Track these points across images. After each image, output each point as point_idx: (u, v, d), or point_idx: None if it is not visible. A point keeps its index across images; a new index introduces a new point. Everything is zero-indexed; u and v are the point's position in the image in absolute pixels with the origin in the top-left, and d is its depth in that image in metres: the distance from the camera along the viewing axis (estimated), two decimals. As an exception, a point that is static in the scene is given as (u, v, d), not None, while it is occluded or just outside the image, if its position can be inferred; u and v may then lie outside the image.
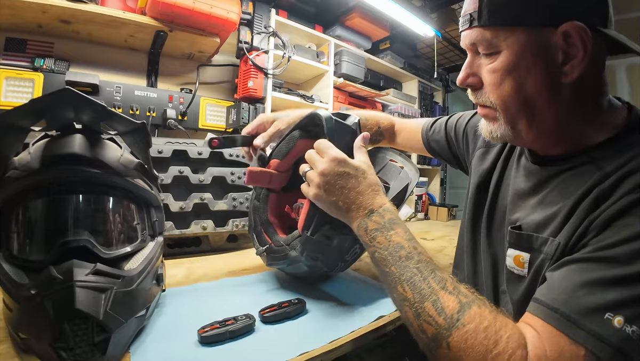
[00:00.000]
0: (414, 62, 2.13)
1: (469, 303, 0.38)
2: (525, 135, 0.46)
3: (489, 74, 0.44)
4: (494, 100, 0.45)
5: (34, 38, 1.09)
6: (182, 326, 0.52)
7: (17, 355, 0.42)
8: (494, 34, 0.42)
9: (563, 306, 0.36)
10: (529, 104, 0.43)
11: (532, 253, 0.45)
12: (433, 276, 0.41)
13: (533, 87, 0.42)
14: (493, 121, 0.48)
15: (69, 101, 0.42)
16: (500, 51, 0.43)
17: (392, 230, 0.47)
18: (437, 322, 0.38)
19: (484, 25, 0.43)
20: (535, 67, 0.41)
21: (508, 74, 0.43)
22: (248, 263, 0.90)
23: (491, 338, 0.35)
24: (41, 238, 0.45)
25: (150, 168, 0.57)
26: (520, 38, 0.41)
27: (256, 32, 1.32)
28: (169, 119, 1.22)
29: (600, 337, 0.33)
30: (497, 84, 0.44)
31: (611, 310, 0.33)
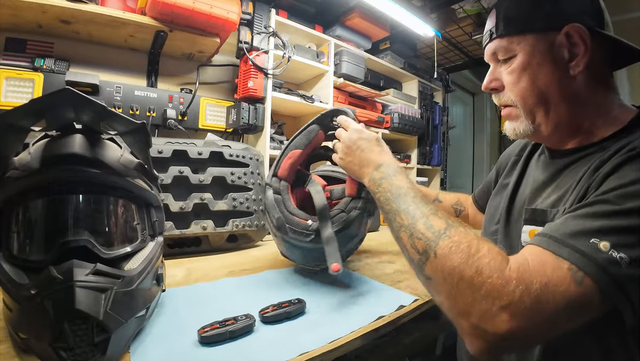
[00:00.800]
0: (414, 62, 2.13)
1: (456, 225, 0.43)
2: (545, 128, 0.52)
3: (508, 75, 0.53)
4: (514, 97, 0.52)
5: (34, 38, 1.09)
6: (182, 326, 0.52)
7: (17, 355, 0.42)
8: (509, 41, 0.51)
9: (551, 232, 0.39)
10: (544, 96, 0.50)
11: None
12: (426, 206, 0.48)
13: (545, 81, 0.49)
14: (515, 118, 0.54)
15: (69, 101, 0.42)
16: (515, 55, 0.51)
17: (395, 177, 0.55)
18: (426, 236, 0.43)
19: (501, 36, 0.52)
20: (545, 64, 0.49)
21: (523, 72, 0.50)
22: (248, 263, 0.90)
23: (473, 247, 0.39)
24: (41, 238, 0.45)
25: (150, 168, 0.57)
26: (530, 41, 0.49)
27: (256, 32, 1.32)
28: (169, 119, 1.22)
29: (584, 254, 0.35)
30: (515, 81, 0.51)
31: (596, 236, 0.36)
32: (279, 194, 0.74)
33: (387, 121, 1.87)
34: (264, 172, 1.14)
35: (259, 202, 1.05)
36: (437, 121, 2.23)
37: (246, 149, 1.09)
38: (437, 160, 2.22)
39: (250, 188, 1.04)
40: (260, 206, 1.05)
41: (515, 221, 0.59)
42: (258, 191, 1.06)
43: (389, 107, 1.93)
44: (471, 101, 3.20)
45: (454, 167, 2.66)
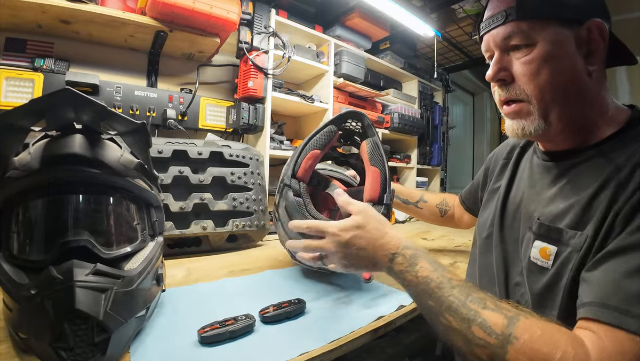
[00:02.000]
0: (414, 62, 2.13)
1: (516, 316, 0.38)
2: (555, 127, 0.48)
3: (524, 65, 0.47)
4: (530, 90, 0.47)
5: (34, 38, 1.09)
6: (182, 326, 0.52)
7: (17, 355, 0.42)
8: (530, 26, 0.46)
9: (610, 299, 0.36)
10: (563, 92, 0.46)
11: (559, 245, 0.46)
12: (471, 299, 0.41)
13: (567, 75, 0.46)
14: (526, 116, 0.49)
15: (69, 101, 0.42)
16: (535, 43, 0.46)
17: (417, 265, 0.47)
18: (489, 343, 0.37)
19: (522, 19, 0.46)
20: (567, 57, 0.45)
21: (545, 63, 0.45)
22: (248, 263, 0.90)
23: (549, 344, 0.35)
24: (41, 238, 0.45)
25: (150, 168, 0.57)
26: (555, 30, 0.45)
27: (256, 32, 1.32)
28: (169, 119, 1.22)
29: None
30: (534, 73, 0.46)
31: None
32: (299, 197, 0.69)
33: (387, 121, 1.86)
34: (264, 172, 1.14)
35: (259, 202, 1.05)
36: (437, 121, 2.23)
37: (246, 149, 1.09)
38: (437, 160, 2.21)
39: (250, 188, 1.04)
40: (260, 206, 1.05)
41: (510, 226, 0.57)
42: (258, 191, 1.06)
43: (389, 107, 1.93)
44: (471, 101, 3.20)
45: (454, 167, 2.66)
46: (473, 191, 0.86)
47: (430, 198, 1.00)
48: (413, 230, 1.61)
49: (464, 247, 1.18)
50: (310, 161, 0.72)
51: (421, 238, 1.39)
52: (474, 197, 0.86)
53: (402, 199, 0.99)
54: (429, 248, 1.18)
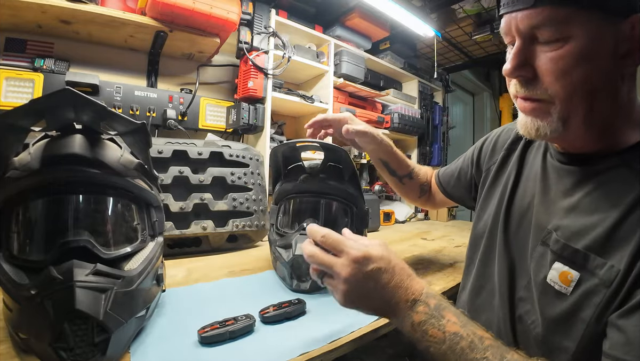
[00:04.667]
0: (414, 62, 2.13)
1: None
2: (575, 131, 0.42)
3: (552, 62, 0.39)
4: (555, 91, 0.40)
5: (34, 38, 1.09)
6: (182, 326, 0.52)
7: (17, 355, 0.42)
8: (567, 16, 0.37)
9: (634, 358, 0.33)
10: (593, 97, 0.40)
11: (583, 272, 0.40)
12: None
13: (601, 79, 0.39)
14: (543, 116, 0.42)
15: (69, 101, 0.42)
16: (569, 37, 0.38)
17: (443, 318, 0.40)
18: None
19: (558, 4, 0.37)
20: (606, 57, 0.38)
21: (578, 63, 0.38)
22: (248, 263, 0.90)
23: None
24: (41, 238, 0.45)
25: (150, 168, 0.57)
26: (595, 24, 0.37)
27: (256, 33, 1.32)
28: (169, 120, 1.22)
29: None
30: (565, 72, 0.39)
31: None
32: None
33: (387, 121, 1.87)
34: (264, 172, 1.14)
35: (259, 202, 1.05)
36: (437, 121, 2.23)
37: (246, 149, 1.09)
38: (437, 160, 2.22)
39: (250, 188, 1.04)
40: (260, 206, 1.05)
41: (515, 232, 0.53)
42: (258, 191, 1.06)
43: (389, 107, 1.93)
44: (471, 101, 3.20)
45: (454, 167, 2.66)
46: (456, 177, 0.79)
47: (418, 175, 0.89)
48: (413, 230, 1.61)
49: (463, 247, 1.18)
50: None
51: (421, 238, 1.39)
52: (455, 181, 0.79)
53: (390, 167, 0.87)
54: (429, 248, 1.18)
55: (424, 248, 1.18)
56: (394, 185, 0.92)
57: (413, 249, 1.14)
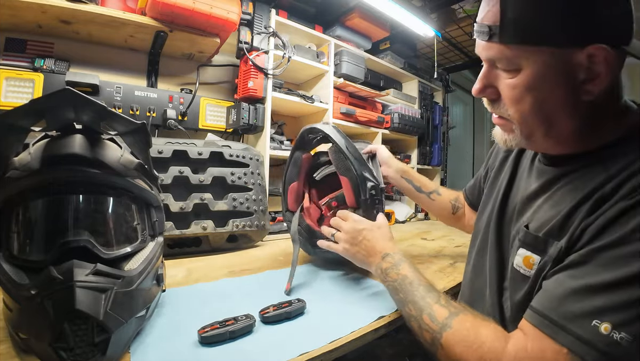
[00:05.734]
0: (414, 62, 2.13)
1: (457, 312, 0.47)
2: (540, 143, 0.47)
3: (508, 89, 0.44)
4: (512, 114, 0.45)
5: (34, 38, 1.09)
6: (182, 326, 0.52)
7: (17, 355, 0.42)
8: (516, 53, 0.41)
9: (552, 312, 0.38)
10: (548, 120, 0.43)
11: (543, 255, 0.45)
12: (430, 296, 0.51)
13: (553, 105, 0.42)
14: (509, 131, 0.48)
15: (69, 101, 0.42)
16: (520, 69, 0.42)
17: (400, 266, 0.59)
18: (432, 328, 0.47)
19: (505, 43, 0.41)
20: (557, 87, 0.41)
21: (528, 92, 0.42)
22: (248, 263, 0.90)
23: (472, 335, 0.42)
24: (41, 238, 0.45)
25: (151, 168, 0.57)
26: (544, 58, 0.40)
27: (256, 33, 1.32)
28: (169, 120, 1.22)
29: (585, 341, 0.34)
30: (517, 100, 0.43)
31: (598, 317, 0.34)
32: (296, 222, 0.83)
33: (387, 121, 1.86)
34: (264, 172, 1.14)
35: (259, 202, 1.05)
36: (437, 121, 2.23)
37: (246, 149, 1.09)
38: (437, 160, 2.21)
39: (250, 188, 1.04)
40: (260, 206, 1.05)
41: (507, 227, 0.57)
42: (258, 191, 1.06)
43: (389, 107, 1.93)
44: (471, 101, 3.19)
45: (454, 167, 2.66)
46: (477, 187, 0.83)
47: (444, 192, 0.94)
48: (413, 230, 1.61)
49: (464, 247, 1.18)
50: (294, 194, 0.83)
51: (421, 238, 1.39)
52: (478, 191, 0.83)
53: (415, 185, 0.94)
54: (429, 248, 1.18)
55: (424, 248, 1.18)
56: (425, 204, 0.96)
57: (413, 249, 1.14)
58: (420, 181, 0.95)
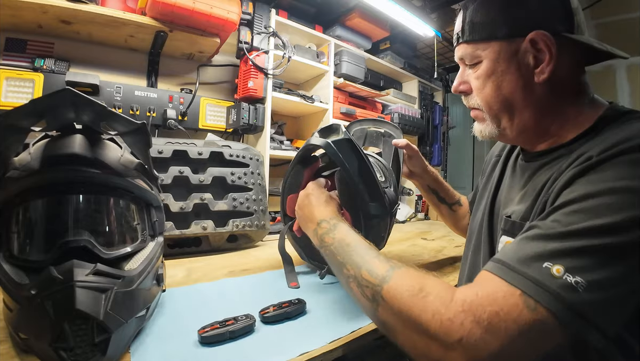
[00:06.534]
0: (414, 62, 2.13)
1: (399, 266, 0.44)
2: (510, 132, 0.53)
3: (474, 80, 0.53)
4: (480, 102, 0.53)
5: (34, 38, 1.09)
6: (182, 326, 0.52)
7: (17, 355, 0.42)
8: (474, 48, 0.51)
9: (505, 257, 0.38)
10: (508, 103, 0.50)
11: None
12: (368, 252, 0.49)
13: (509, 88, 0.49)
14: (482, 120, 0.55)
15: (69, 101, 0.42)
16: (481, 61, 0.51)
17: (336, 230, 0.55)
18: (371, 282, 0.43)
19: (466, 41, 0.52)
20: (509, 71, 0.49)
21: (488, 79, 0.50)
22: (248, 263, 0.90)
23: (416, 285, 0.39)
24: (41, 238, 0.45)
25: (151, 168, 0.57)
26: (495, 48, 0.49)
27: (256, 33, 1.32)
28: (169, 120, 1.22)
29: (536, 281, 0.34)
30: (481, 88, 0.52)
31: (550, 260, 0.35)
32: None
33: (387, 121, 1.87)
34: (264, 172, 1.14)
35: (259, 202, 1.05)
36: (437, 121, 2.23)
37: (246, 149, 1.09)
38: (437, 160, 2.22)
39: (250, 188, 1.04)
40: (260, 206, 1.05)
41: (497, 224, 0.59)
42: (258, 191, 1.06)
43: (389, 107, 1.93)
44: (471, 101, 3.19)
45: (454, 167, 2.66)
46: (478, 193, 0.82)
47: (465, 202, 0.93)
48: (413, 230, 1.61)
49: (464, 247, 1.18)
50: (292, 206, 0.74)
51: (421, 238, 1.39)
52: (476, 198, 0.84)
53: (439, 196, 0.92)
54: (429, 248, 1.18)
55: (424, 248, 1.18)
56: (445, 214, 0.95)
57: (413, 249, 1.14)
58: (447, 192, 0.93)
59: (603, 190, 0.36)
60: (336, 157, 0.61)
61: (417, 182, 0.93)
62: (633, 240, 0.33)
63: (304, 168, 0.73)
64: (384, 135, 0.96)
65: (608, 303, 0.33)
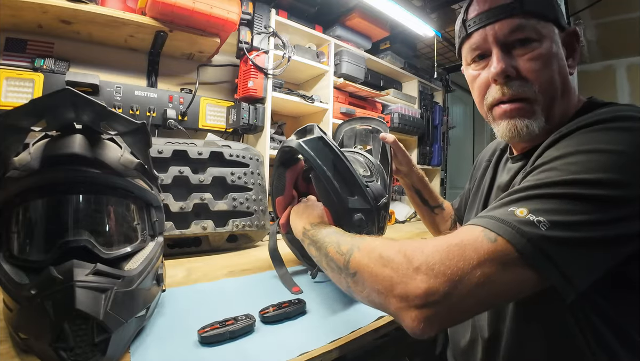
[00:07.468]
0: (414, 62, 2.13)
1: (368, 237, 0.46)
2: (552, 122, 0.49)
3: (532, 61, 0.47)
4: (538, 86, 0.47)
5: (34, 38, 1.09)
6: (182, 326, 0.52)
7: (17, 355, 0.42)
8: (536, 22, 0.47)
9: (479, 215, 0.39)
10: (562, 89, 0.49)
11: None
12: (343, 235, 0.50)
13: (564, 73, 0.49)
14: (529, 114, 0.48)
15: (69, 101, 0.42)
16: (541, 39, 0.47)
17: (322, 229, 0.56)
18: (343, 252, 0.45)
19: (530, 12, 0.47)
20: (561, 57, 0.49)
21: (551, 59, 0.48)
22: (248, 263, 0.90)
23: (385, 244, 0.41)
24: (41, 238, 0.45)
25: (151, 168, 0.57)
26: (553, 30, 0.49)
27: (256, 32, 1.32)
28: (169, 119, 1.22)
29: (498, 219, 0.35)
30: (542, 68, 0.47)
31: (514, 205, 0.36)
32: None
33: (387, 121, 1.86)
34: (264, 172, 1.14)
35: (259, 202, 1.05)
36: (437, 121, 2.23)
37: (246, 149, 1.09)
38: (437, 160, 2.22)
39: (250, 188, 1.04)
40: (260, 206, 1.05)
41: None
42: (258, 191, 1.06)
43: (389, 107, 1.93)
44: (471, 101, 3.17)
45: (454, 167, 2.66)
46: (464, 200, 0.86)
47: (448, 207, 0.94)
48: (413, 230, 1.61)
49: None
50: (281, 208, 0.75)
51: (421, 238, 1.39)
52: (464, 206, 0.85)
53: (422, 197, 0.93)
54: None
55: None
56: (426, 216, 0.95)
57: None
58: (431, 194, 0.93)
59: (571, 152, 0.37)
60: (308, 156, 0.61)
61: (402, 180, 0.93)
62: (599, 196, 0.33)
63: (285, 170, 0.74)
64: (372, 131, 0.97)
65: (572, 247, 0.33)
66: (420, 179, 0.91)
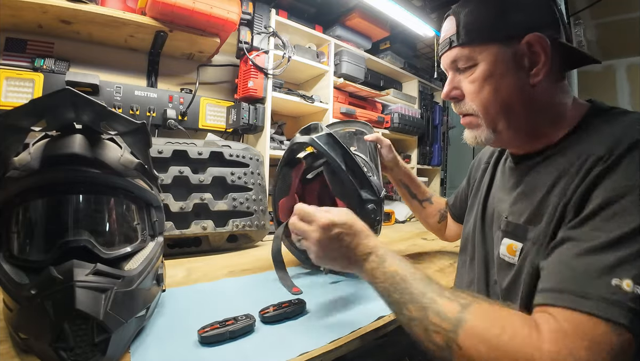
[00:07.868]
0: (414, 62, 2.13)
1: (469, 303, 0.39)
2: (506, 135, 0.52)
3: (469, 84, 0.52)
4: (475, 106, 0.52)
5: (34, 38, 1.09)
6: (182, 326, 0.52)
7: (17, 355, 0.42)
8: (471, 50, 0.51)
9: (565, 283, 0.36)
10: (506, 105, 0.50)
11: (524, 242, 0.48)
12: (430, 289, 0.43)
13: (507, 90, 0.49)
14: (477, 127, 0.54)
15: (69, 101, 0.42)
16: (477, 64, 0.50)
17: (386, 262, 0.48)
18: (443, 327, 0.38)
19: (462, 45, 0.51)
20: (507, 73, 0.49)
21: (485, 81, 0.50)
22: (248, 263, 0.90)
23: (498, 325, 0.36)
24: (41, 238, 0.45)
25: (151, 168, 0.57)
26: (492, 51, 0.49)
27: (256, 32, 1.32)
28: (169, 119, 1.22)
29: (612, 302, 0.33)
30: (477, 91, 0.51)
31: (616, 274, 0.34)
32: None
33: (387, 121, 1.87)
34: (264, 172, 1.14)
35: (259, 202, 1.05)
36: (437, 121, 2.23)
37: (246, 149, 1.09)
38: (437, 160, 2.22)
39: (250, 188, 1.04)
40: (260, 206, 1.05)
41: (489, 227, 0.60)
42: (258, 191, 1.06)
43: (389, 107, 1.93)
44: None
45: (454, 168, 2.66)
46: (459, 197, 0.87)
47: (436, 200, 0.97)
48: (413, 230, 1.61)
49: (464, 247, 1.18)
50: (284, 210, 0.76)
51: (421, 238, 1.39)
52: (459, 203, 0.86)
53: (411, 192, 0.96)
54: (428, 248, 1.18)
55: (424, 248, 1.18)
56: (415, 209, 0.99)
57: (413, 249, 1.14)
58: (418, 188, 0.96)
59: (632, 187, 0.36)
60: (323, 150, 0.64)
61: (390, 175, 0.96)
62: None
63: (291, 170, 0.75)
64: (356, 133, 0.98)
65: None
66: (407, 174, 0.95)
